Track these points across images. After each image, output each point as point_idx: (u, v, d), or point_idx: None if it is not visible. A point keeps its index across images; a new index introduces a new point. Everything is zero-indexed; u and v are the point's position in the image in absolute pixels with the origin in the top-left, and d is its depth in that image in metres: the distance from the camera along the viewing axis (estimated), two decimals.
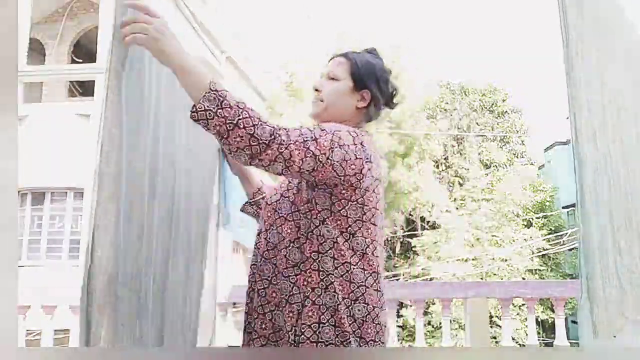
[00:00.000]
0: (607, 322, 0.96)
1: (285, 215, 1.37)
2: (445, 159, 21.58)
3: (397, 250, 19.00)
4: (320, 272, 1.30)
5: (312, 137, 1.24)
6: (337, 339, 1.27)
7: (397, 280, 14.70)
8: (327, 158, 1.24)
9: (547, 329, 14.61)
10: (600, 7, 1.16)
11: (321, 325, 1.27)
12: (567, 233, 14.56)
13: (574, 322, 12.22)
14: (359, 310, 1.29)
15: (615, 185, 1.07)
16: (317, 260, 1.30)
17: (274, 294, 1.34)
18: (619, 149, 1.12)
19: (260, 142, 1.17)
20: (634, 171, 1.20)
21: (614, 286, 1.00)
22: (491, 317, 11.96)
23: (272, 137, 1.18)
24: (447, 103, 22.40)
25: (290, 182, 1.43)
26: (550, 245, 15.30)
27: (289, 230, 1.35)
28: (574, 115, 0.98)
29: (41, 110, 10.06)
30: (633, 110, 1.26)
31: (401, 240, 18.63)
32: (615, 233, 1.04)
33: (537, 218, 18.16)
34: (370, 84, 1.46)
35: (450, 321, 4.46)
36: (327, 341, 1.26)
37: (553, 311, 4.36)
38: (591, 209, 0.95)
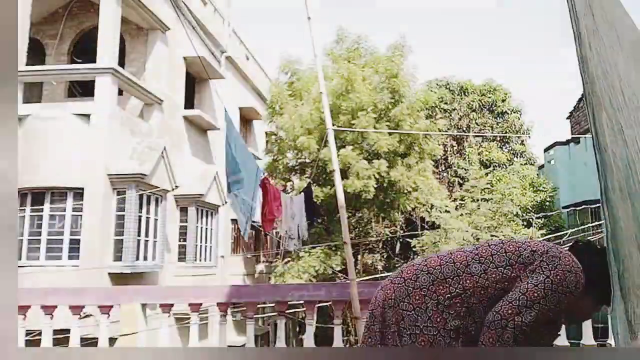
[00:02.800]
0: None
1: None
2: (445, 159, 21.57)
3: (397, 250, 18.98)
4: None
5: None
6: None
7: None
8: None
9: None
10: (605, 5, 1.15)
11: None
12: (567, 233, 14.53)
13: None
14: None
15: None
16: None
17: None
18: None
19: None
20: None
21: None
22: None
23: None
24: (446, 103, 22.37)
25: None
26: None
27: None
28: (592, 112, 0.94)
29: (41, 110, 10.05)
30: None
31: (401, 240, 18.61)
32: None
33: (537, 218, 18.15)
34: None
35: None
36: None
37: None
38: (623, 205, 0.90)
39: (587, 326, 4.07)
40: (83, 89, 11.94)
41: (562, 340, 4.07)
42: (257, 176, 4.73)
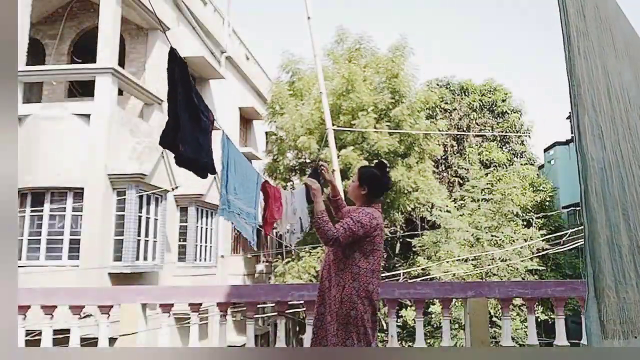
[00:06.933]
0: (627, 322, 0.92)
1: None
2: (445, 159, 21.56)
3: (397, 250, 18.98)
4: None
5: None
6: None
7: (397, 280, 14.69)
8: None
9: (547, 329, 14.59)
10: (600, 5, 1.15)
11: None
12: (567, 233, 14.53)
13: (574, 322, 12.23)
14: None
15: (629, 183, 1.03)
16: None
17: None
18: (629, 146, 1.08)
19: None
20: None
21: (632, 285, 0.95)
22: (491, 317, 11.94)
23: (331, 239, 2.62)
24: (447, 103, 22.37)
25: None
26: (550, 245, 15.28)
27: None
28: (576, 115, 0.95)
29: (41, 110, 10.05)
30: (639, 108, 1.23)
31: (401, 240, 18.61)
32: (631, 230, 0.99)
33: (537, 218, 18.14)
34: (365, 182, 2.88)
35: (450, 321, 4.45)
36: None
37: (553, 311, 4.35)
38: (598, 208, 0.91)
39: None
40: (83, 89, 11.94)
41: (562, 340, 4.07)
42: (257, 184, 4.71)
